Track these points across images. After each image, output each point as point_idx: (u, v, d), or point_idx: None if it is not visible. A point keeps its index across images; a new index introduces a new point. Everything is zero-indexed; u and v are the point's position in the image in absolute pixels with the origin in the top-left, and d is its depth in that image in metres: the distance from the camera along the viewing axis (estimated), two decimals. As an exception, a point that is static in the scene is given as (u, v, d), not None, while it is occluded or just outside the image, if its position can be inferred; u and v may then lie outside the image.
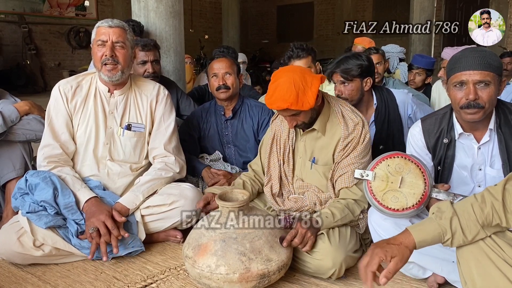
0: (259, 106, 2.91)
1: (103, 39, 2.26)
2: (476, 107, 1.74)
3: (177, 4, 3.94)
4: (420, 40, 8.55)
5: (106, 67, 2.28)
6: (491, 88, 1.74)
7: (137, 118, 2.43)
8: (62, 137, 2.33)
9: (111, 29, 2.27)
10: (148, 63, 3.07)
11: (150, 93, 2.48)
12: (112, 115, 2.39)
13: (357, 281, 1.99)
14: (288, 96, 1.94)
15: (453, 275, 1.80)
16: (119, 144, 2.40)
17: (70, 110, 2.35)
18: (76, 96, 2.36)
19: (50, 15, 10.59)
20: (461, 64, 1.75)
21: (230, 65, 2.80)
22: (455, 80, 1.77)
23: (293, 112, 2.02)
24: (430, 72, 4.27)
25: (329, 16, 14.19)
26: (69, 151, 2.35)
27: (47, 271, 2.11)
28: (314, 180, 2.21)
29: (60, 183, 2.16)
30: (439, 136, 1.96)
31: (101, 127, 2.37)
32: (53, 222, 2.08)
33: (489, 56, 1.74)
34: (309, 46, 3.05)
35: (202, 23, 14.40)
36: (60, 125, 2.33)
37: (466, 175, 1.95)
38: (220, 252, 1.76)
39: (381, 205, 1.80)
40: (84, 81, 2.41)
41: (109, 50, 2.25)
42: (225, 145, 2.94)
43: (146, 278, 2.04)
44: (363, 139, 2.11)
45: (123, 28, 2.32)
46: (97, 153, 2.37)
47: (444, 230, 1.41)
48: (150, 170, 2.43)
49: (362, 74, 2.58)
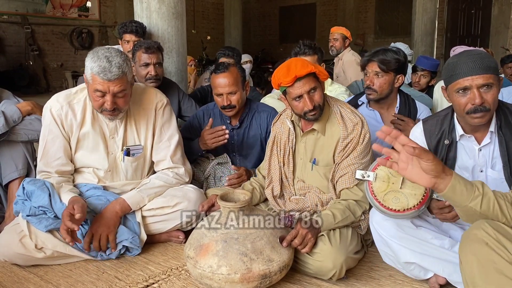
0: (266, 111, 2.80)
1: (101, 90, 2.05)
2: (482, 110, 1.74)
3: (179, 5, 3.96)
4: (423, 42, 8.55)
5: (106, 113, 2.14)
6: (494, 90, 1.74)
7: (135, 140, 2.35)
8: (56, 163, 2.25)
9: (110, 83, 2.03)
10: (150, 66, 3.03)
11: (149, 107, 2.36)
12: (113, 139, 2.31)
13: (358, 281, 1.99)
14: (306, 64, 2.04)
15: (455, 276, 1.80)
16: (121, 170, 2.36)
17: (66, 133, 2.25)
18: (70, 119, 2.24)
19: (53, 16, 10.61)
20: (462, 69, 1.74)
21: (234, 82, 2.60)
22: (458, 86, 1.76)
23: (313, 85, 2.05)
24: (434, 74, 4.26)
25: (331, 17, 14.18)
26: (67, 171, 2.30)
27: (49, 271, 2.12)
28: (315, 181, 2.21)
29: (52, 190, 2.15)
30: (440, 138, 1.96)
31: (103, 153, 2.30)
32: (54, 225, 2.08)
33: (486, 58, 1.74)
34: (317, 46, 3.05)
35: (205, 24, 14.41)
36: (55, 150, 2.25)
37: (467, 176, 1.95)
38: (221, 253, 1.77)
39: (382, 206, 1.80)
40: (75, 101, 2.25)
41: (111, 104, 2.07)
42: (229, 152, 2.84)
43: (148, 278, 2.04)
44: (362, 139, 2.11)
45: (123, 75, 2.07)
46: (99, 176, 2.34)
47: (476, 187, 1.42)
48: (162, 175, 2.39)
49: (397, 69, 2.60)
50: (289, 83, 2.03)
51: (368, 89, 2.66)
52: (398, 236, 1.87)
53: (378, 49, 2.66)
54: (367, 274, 2.07)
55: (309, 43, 3.04)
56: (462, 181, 1.41)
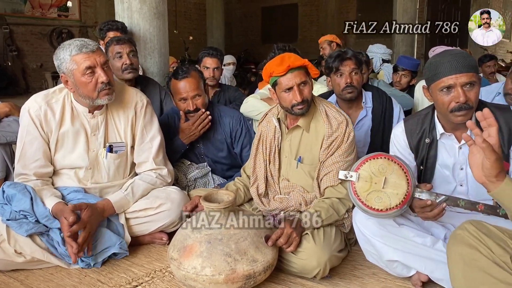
0: (229, 116, 2.77)
1: (91, 65, 2.07)
2: (466, 108, 1.77)
3: (161, 5, 3.94)
4: (403, 41, 8.64)
5: (103, 92, 2.13)
6: (476, 88, 1.78)
7: (116, 137, 2.33)
8: (34, 165, 2.20)
9: (95, 54, 2.09)
10: (124, 55, 3.00)
11: (128, 105, 2.34)
12: (94, 136, 2.28)
13: (342, 280, 2.00)
14: (299, 57, 2.10)
15: (437, 273, 1.83)
16: (103, 167, 2.32)
17: (45, 134, 2.21)
18: (49, 119, 2.20)
19: (31, 16, 10.45)
20: (445, 68, 1.77)
21: (197, 85, 2.59)
22: (442, 85, 1.79)
23: (304, 79, 2.09)
24: (415, 73, 4.32)
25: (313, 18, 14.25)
26: (45, 173, 2.26)
27: (30, 275, 2.08)
28: (300, 180, 2.22)
29: (34, 194, 2.10)
30: (421, 136, 1.99)
31: (83, 150, 2.26)
32: (35, 229, 2.04)
33: (467, 57, 1.78)
34: (291, 47, 3.06)
35: (187, 25, 14.34)
36: (34, 152, 2.20)
37: (448, 175, 1.98)
38: (205, 254, 1.76)
39: (365, 206, 1.81)
40: (54, 101, 2.22)
41: (105, 75, 2.09)
42: (199, 156, 2.83)
43: (131, 281, 2.02)
44: (347, 137, 2.13)
45: (100, 49, 2.14)
46: (79, 176, 2.30)
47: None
48: (146, 177, 2.38)
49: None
50: (281, 72, 2.05)
51: (348, 87, 2.70)
52: (380, 235, 1.89)
53: (344, 50, 2.77)
54: (351, 272, 2.08)
55: (284, 46, 3.07)
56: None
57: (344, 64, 2.70)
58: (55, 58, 2.12)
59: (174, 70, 2.70)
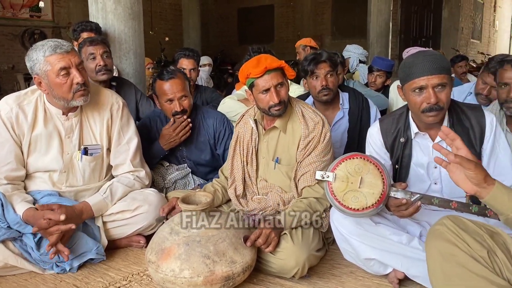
0: (212, 117, 2.75)
1: (65, 66, 2.04)
2: (437, 109, 1.81)
3: (136, 5, 3.89)
4: (378, 42, 8.75)
5: (79, 93, 2.10)
6: (447, 89, 1.82)
7: (91, 139, 2.29)
8: (5, 168, 2.14)
9: (69, 55, 2.06)
10: (98, 57, 2.97)
11: (104, 107, 2.31)
12: (69, 139, 2.24)
13: (320, 279, 2.02)
14: (276, 59, 2.11)
15: (412, 270, 1.86)
16: (78, 170, 2.28)
17: (17, 136, 2.16)
18: (21, 121, 2.15)
19: (2, 16, 10.17)
20: (418, 69, 1.81)
21: (183, 86, 2.58)
22: (414, 86, 1.82)
23: (280, 80, 2.10)
24: (390, 74, 4.39)
25: (289, 19, 14.30)
26: (18, 177, 2.20)
27: (3, 281, 2.03)
28: (277, 180, 2.23)
29: (5, 200, 2.04)
30: (396, 136, 2.03)
31: (57, 153, 2.21)
32: (7, 235, 1.99)
33: (440, 59, 1.82)
34: (266, 49, 3.08)
35: (162, 25, 14.20)
36: (5, 155, 2.14)
37: (422, 173, 2.02)
38: (184, 256, 1.75)
39: (342, 205, 1.83)
40: (25, 103, 2.17)
41: (80, 76, 2.07)
42: (180, 159, 2.81)
43: (108, 285, 1.99)
44: (323, 138, 2.16)
45: (74, 50, 2.11)
46: (53, 179, 2.25)
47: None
48: (124, 179, 2.35)
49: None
50: (258, 74, 2.06)
51: (324, 90, 2.73)
52: (357, 233, 1.91)
53: (315, 53, 2.78)
54: (329, 271, 2.10)
55: (258, 48, 3.08)
56: (506, 191, 1.39)
57: (319, 67, 2.72)
58: (27, 60, 2.08)
59: (160, 71, 2.67)
